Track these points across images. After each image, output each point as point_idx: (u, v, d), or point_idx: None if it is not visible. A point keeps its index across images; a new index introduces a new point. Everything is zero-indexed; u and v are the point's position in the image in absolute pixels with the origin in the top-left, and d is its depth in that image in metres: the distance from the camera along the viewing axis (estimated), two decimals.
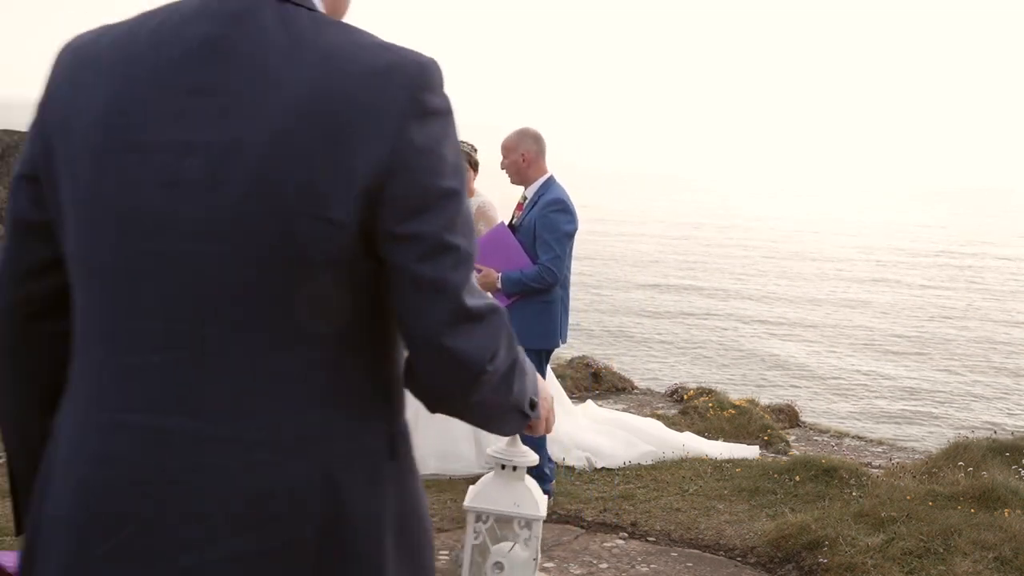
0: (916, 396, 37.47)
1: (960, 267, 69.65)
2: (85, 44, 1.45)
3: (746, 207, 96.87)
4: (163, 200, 1.35)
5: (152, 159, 1.36)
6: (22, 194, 1.48)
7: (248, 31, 1.37)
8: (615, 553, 5.03)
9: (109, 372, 1.40)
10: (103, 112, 1.38)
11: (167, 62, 1.37)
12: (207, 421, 1.36)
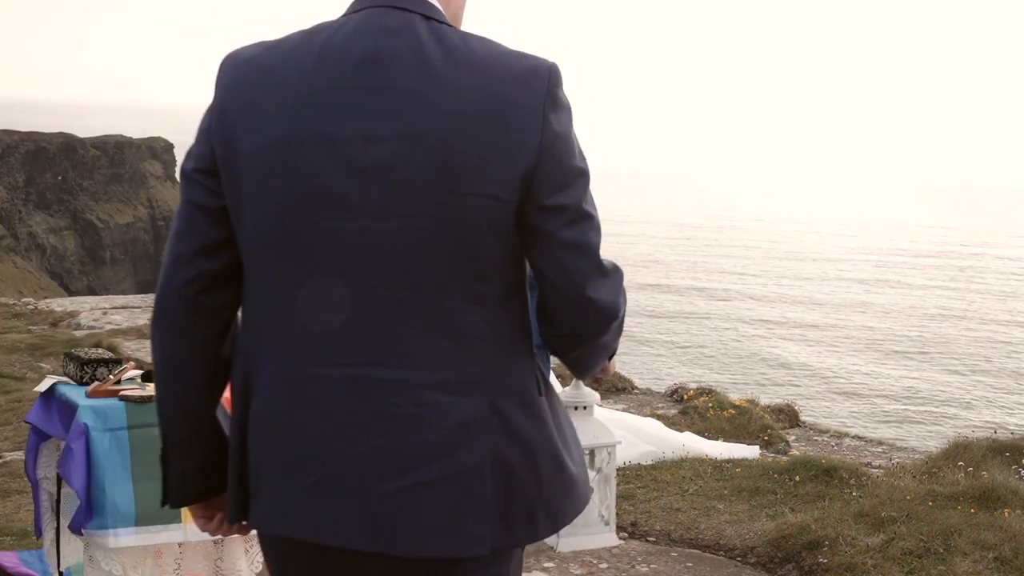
0: (916, 396, 37.47)
1: (960, 267, 69.75)
2: (254, 57, 1.72)
3: (746, 207, 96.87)
4: (350, 184, 1.62)
5: (338, 149, 1.62)
6: (197, 185, 1.72)
7: (409, 42, 1.65)
8: (615, 553, 5.03)
9: (306, 334, 1.66)
10: (289, 111, 1.64)
11: (343, 69, 1.65)
12: (395, 370, 1.63)
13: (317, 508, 1.66)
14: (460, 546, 1.65)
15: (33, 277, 51.71)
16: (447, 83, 1.62)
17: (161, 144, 67.02)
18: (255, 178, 1.66)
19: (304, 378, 1.67)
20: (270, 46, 1.72)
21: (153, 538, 4.00)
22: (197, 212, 1.72)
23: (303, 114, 1.64)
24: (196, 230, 1.73)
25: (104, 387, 4.12)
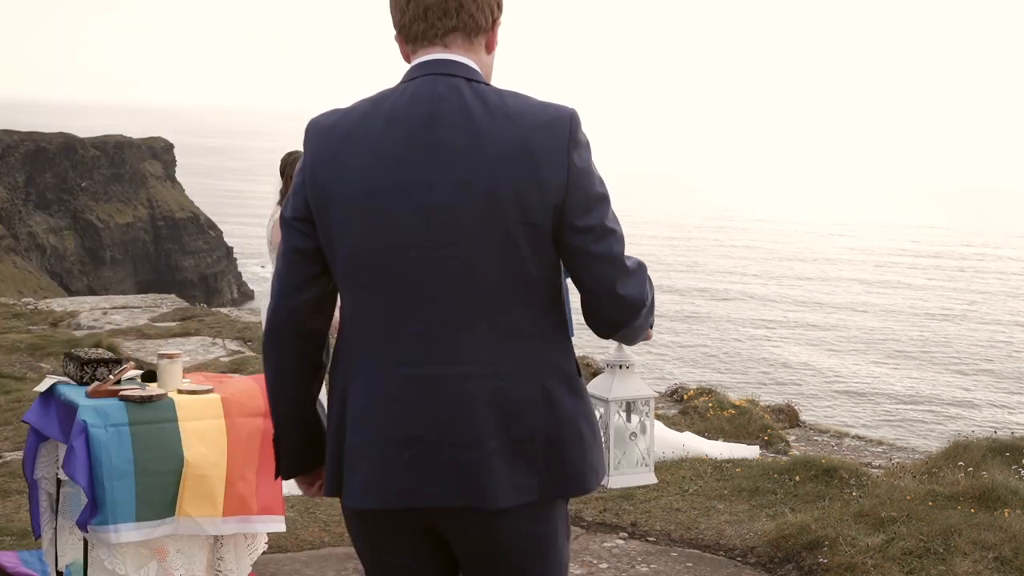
0: (917, 396, 37.44)
1: (961, 268, 69.70)
2: (333, 124, 2.15)
3: (747, 207, 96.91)
4: (419, 222, 2.06)
5: (408, 195, 2.07)
6: (295, 231, 2.17)
7: (457, 104, 2.08)
8: (615, 553, 5.03)
9: (391, 342, 2.11)
10: (367, 168, 2.09)
11: (407, 130, 2.08)
12: (464, 366, 2.08)
13: (409, 480, 2.10)
14: (522, 497, 2.11)
15: (33, 277, 51.69)
16: (489, 135, 2.06)
17: (161, 144, 66.98)
18: (344, 222, 2.10)
19: (393, 377, 2.11)
20: (344, 114, 2.17)
21: (152, 532, 4.02)
22: (296, 253, 2.18)
23: (378, 169, 2.09)
24: (296, 268, 2.19)
25: (104, 387, 4.12)
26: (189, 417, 4.12)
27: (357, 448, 2.14)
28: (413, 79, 2.14)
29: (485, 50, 2.22)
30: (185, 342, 11.27)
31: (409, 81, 2.15)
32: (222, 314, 13.54)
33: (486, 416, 2.09)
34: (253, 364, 9.85)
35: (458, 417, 2.09)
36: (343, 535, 5.13)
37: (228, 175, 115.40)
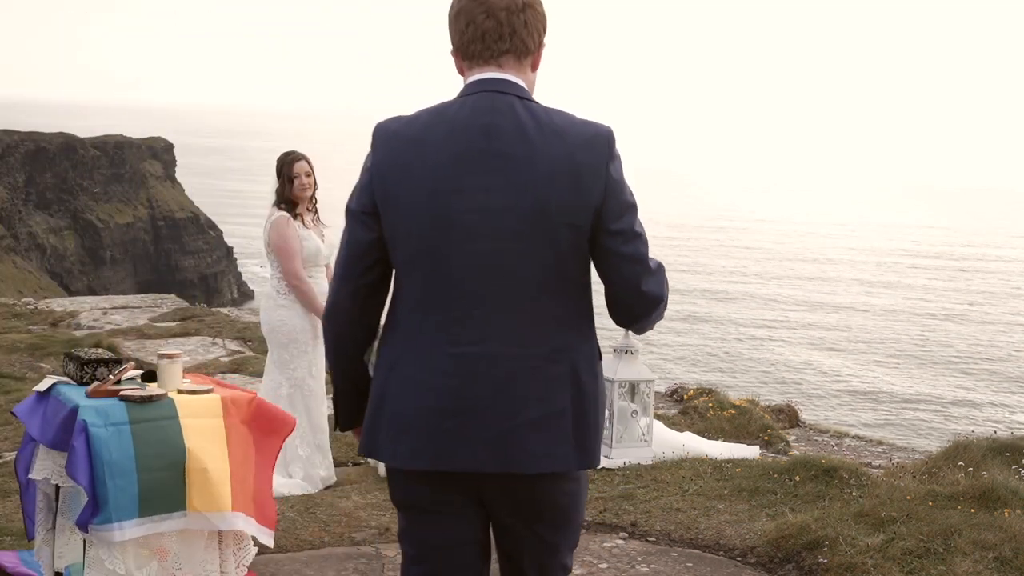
0: (917, 396, 37.40)
1: (961, 268, 69.62)
2: (399, 130, 2.47)
3: (747, 207, 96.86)
4: (476, 220, 2.39)
5: (468, 197, 2.39)
6: (360, 223, 2.49)
7: (511, 119, 2.41)
8: (615, 553, 5.02)
9: (442, 323, 2.42)
10: (430, 170, 2.40)
11: (467, 139, 2.40)
12: (504, 346, 2.40)
13: (454, 446, 2.40)
14: (554, 464, 2.42)
15: (33, 277, 51.67)
16: (538, 148, 2.39)
17: (161, 144, 66.94)
18: (408, 217, 2.42)
19: (442, 354, 2.42)
20: (408, 121, 2.48)
21: (156, 527, 4.01)
22: (360, 242, 2.50)
23: (441, 172, 2.40)
24: (359, 255, 2.50)
25: (104, 387, 4.12)
26: (189, 415, 4.12)
27: (403, 415, 2.45)
28: (471, 94, 2.48)
29: (531, 68, 2.56)
30: (185, 342, 11.27)
31: (468, 96, 2.48)
32: (222, 314, 13.53)
33: (523, 391, 2.41)
34: (253, 364, 9.84)
35: (498, 392, 2.41)
36: (343, 535, 5.13)
37: (228, 175, 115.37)
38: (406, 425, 2.44)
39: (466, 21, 2.49)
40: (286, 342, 6.12)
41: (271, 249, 6.12)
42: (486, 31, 2.47)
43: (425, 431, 2.42)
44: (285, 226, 6.05)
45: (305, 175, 6.11)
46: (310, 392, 6.20)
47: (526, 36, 2.50)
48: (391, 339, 2.51)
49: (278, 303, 6.12)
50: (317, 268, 6.24)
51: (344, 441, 7.09)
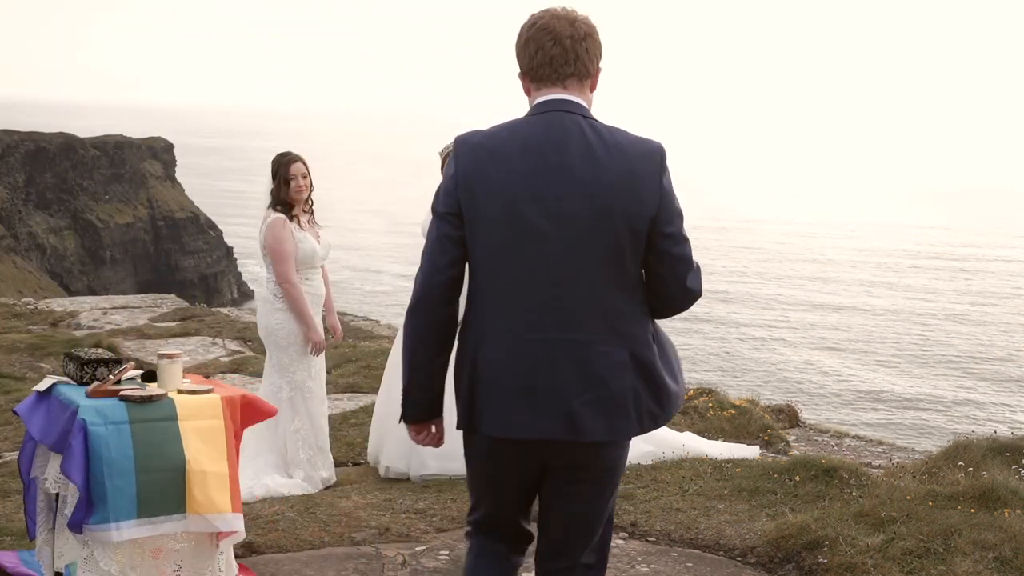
0: (917, 396, 37.36)
1: (962, 269, 69.50)
2: (479, 144, 2.85)
3: (747, 208, 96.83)
4: (550, 225, 2.78)
5: (542, 204, 2.78)
6: (447, 223, 2.84)
7: (578, 136, 2.81)
8: (615, 553, 5.02)
9: (519, 314, 2.82)
10: (508, 181, 2.78)
11: (540, 153, 2.79)
12: (576, 333, 2.80)
13: (532, 418, 2.82)
14: (614, 434, 2.87)
15: (33, 277, 51.66)
16: (603, 162, 2.79)
17: (161, 144, 66.92)
18: (489, 220, 2.80)
19: (521, 341, 2.82)
20: (487, 135, 2.86)
21: (156, 529, 4.01)
22: (447, 240, 2.84)
23: (518, 182, 2.78)
24: (446, 251, 2.85)
25: (104, 387, 4.12)
26: (189, 416, 4.12)
27: (491, 393, 2.86)
28: (542, 113, 2.87)
29: (590, 89, 2.96)
30: (185, 342, 11.27)
31: (539, 114, 2.87)
32: (222, 314, 13.53)
33: (592, 371, 2.82)
34: (253, 364, 9.84)
35: (570, 372, 2.81)
36: (343, 535, 5.13)
37: (228, 175, 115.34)
38: (494, 401, 2.86)
39: (535, 48, 2.88)
40: (285, 345, 6.10)
41: (266, 251, 6.10)
42: (553, 57, 2.87)
43: (511, 406, 2.84)
44: (280, 228, 6.02)
45: (301, 176, 6.07)
46: (310, 394, 6.19)
47: (587, 61, 2.91)
48: (470, 331, 2.91)
49: (276, 306, 6.09)
50: (313, 270, 6.22)
51: (344, 441, 7.09)
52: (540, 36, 2.87)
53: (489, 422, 2.88)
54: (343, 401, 8.41)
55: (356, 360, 9.71)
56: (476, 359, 2.87)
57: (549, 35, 2.87)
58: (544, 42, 2.87)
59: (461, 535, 5.20)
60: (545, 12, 2.91)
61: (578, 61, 2.88)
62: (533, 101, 2.92)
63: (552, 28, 2.87)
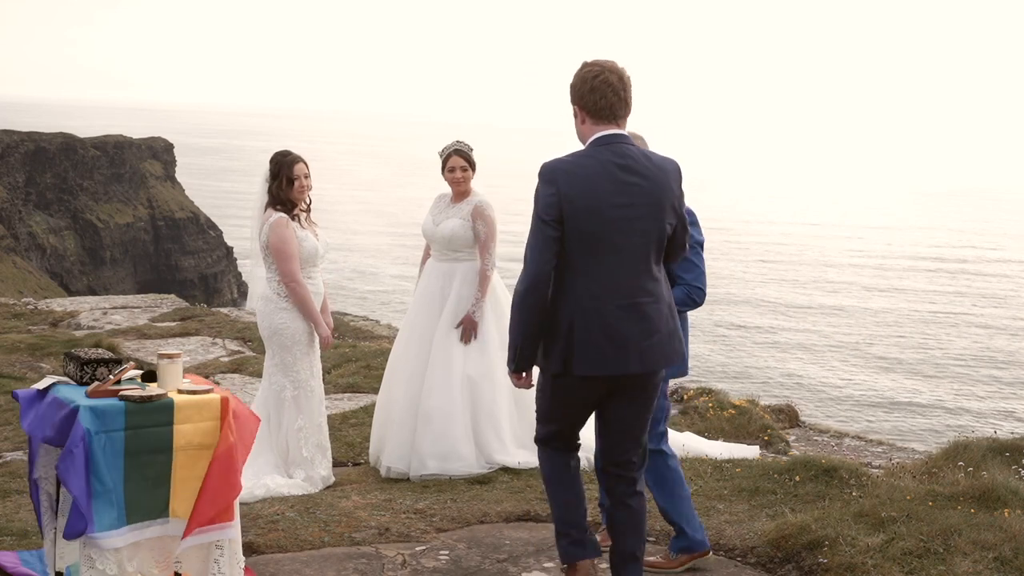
0: (917, 396, 37.32)
1: (961, 270, 69.45)
2: (570, 167, 3.88)
3: (746, 209, 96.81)
4: (623, 224, 3.88)
5: (617, 208, 3.87)
6: (550, 227, 3.84)
7: (635, 160, 3.93)
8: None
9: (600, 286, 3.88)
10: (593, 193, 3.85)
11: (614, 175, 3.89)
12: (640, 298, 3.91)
13: (618, 358, 3.90)
14: (663, 365, 4.01)
15: (33, 277, 51.64)
16: (652, 178, 3.93)
17: (161, 144, 66.89)
18: (583, 223, 3.85)
19: (603, 308, 3.89)
20: (572, 163, 3.91)
21: (142, 534, 4.04)
22: (551, 240, 3.86)
23: (599, 194, 3.86)
24: (550, 247, 3.86)
25: (104, 387, 4.12)
26: (185, 420, 4.13)
27: (585, 345, 3.89)
28: (607, 144, 3.95)
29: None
30: (185, 342, 11.27)
31: (605, 145, 3.95)
32: (222, 314, 13.52)
33: (654, 323, 3.95)
34: (253, 364, 9.84)
35: (640, 324, 3.92)
36: (343, 535, 5.13)
37: (228, 175, 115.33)
38: (588, 351, 3.90)
39: (599, 96, 3.94)
40: (289, 344, 6.10)
41: (268, 251, 6.09)
42: (612, 104, 3.96)
43: (600, 353, 3.90)
44: (283, 227, 6.02)
45: (304, 176, 6.09)
46: (312, 393, 6.20)
47: (630, 104, 4.02)
48: (570, 303, 3.91)
49: (279, 306, 6.09)
50: (314, 268, 6.22)
51: (344, 441, 7.10)
52: (603, 88, 3.93)
53: (583, 366, 3.90)
54: (343, 401, 8.41)
55: (356, 360, 9.71)
56: (573, 323, 3.89)
57: (610, 88, 3.94)
58: (606, 93, 3.94)
59: (461, 535, 5.21)
60: (602, 67, 3.96)
61: (626, 106, 4.00)
62: (593, 133, 3.97)
63: (611, 83, 3.94)
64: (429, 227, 6.49)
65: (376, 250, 70.39)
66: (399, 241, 71.20)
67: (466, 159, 6.41)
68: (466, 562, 4.86)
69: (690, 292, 4.72)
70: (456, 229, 6.36)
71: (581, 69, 3.99)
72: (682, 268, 4.69)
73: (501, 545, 5.09)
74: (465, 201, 6.44)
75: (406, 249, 65.66)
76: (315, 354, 6.25)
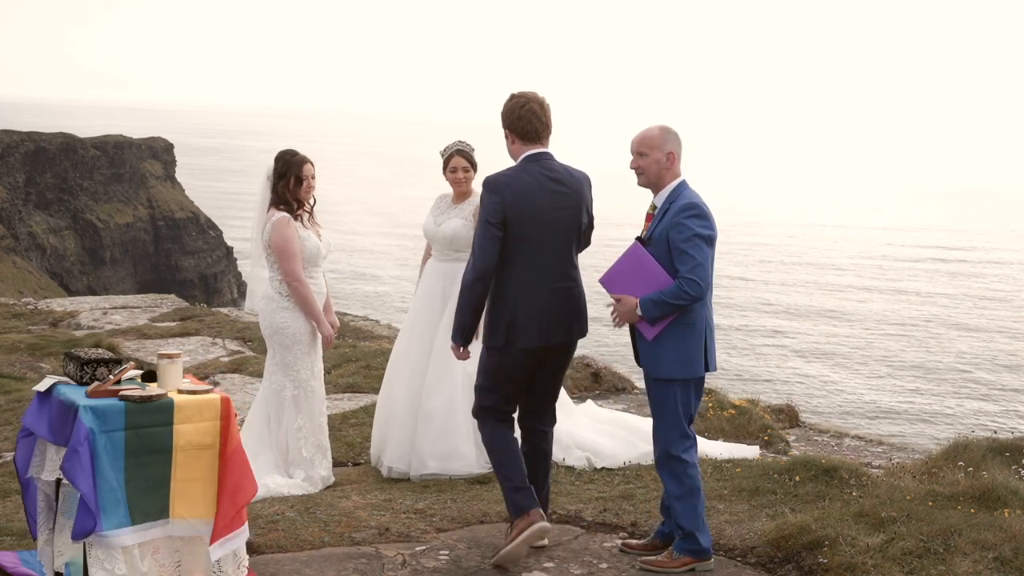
0: (917, 396, 37.31)
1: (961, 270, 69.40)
2: (510, 179, 4.81)
3: (746, 210, 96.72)
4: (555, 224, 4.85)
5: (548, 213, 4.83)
6: (495, 228, 4.73)
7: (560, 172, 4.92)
8: (615, 553, 5.02)
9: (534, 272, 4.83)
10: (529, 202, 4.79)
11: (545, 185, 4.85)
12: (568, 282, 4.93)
13: (550, 333, 4.84)
14: (581, 335, 5.01)
15: (33, 277, 51.63)
16: (572, 186, 4.89)
17: (161, 144, 66.86)
18: (523, 225, 4.75)
19: (539, 290, 4.80)
20: (510, 176, 4.80)
21: (145, 535, 4.04)
22: (496, 239, 4.71)
23: (535, 202, 4.78)
24: (495, 244, 4.72)
25: (104, 387, 4.12)
26: (185, 420, 4.13)
27: (527, 321, 4.79)
28: (536, 161, 4.87)
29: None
30: (185, 342, 11.27)
31: (535, 161, 4.86)
32: (222, 314, 13.52)
33: (574, 303, 4.91)
34: (253, 364, 9.84)
35: (568, 304, 4.89)
36: (343, 535, 5.13)
37: (227, 175, 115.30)
38: (528, 326, 4.80)
39: (526, 122, 4.86)
40: (291, 344, 6.10)
41: (271, 250, 6.08)
42: (537, 128, 4.88)
43: (537, 328, 4.81)
44: (286, 226, 6.02)
45: (311, 177, 6.12)
46: (312, 393, 6.20)
47: (550, 125, 4.95)
48: (512, 288, 4.79)
49: (281, 305, 6.09)
50: (316, 268, 6.22)
51: (344, 441, 7.09)
52: (528, 115, 4.86)
53: (524, 339, 4.80)
54: (343, 401, 8.41)
55: (356, 360, 9.71)
56: (516, 304, 4.78)
57: (534, 115, 4.87)
58: (531, 119, 4.87)
59: (461, 535, 5.21)
60: (527, 98, 4.88)
61: (547, 129, 4.92)
62: (523, 151, 4.88)
63: (535, 111, 4.87)
64: (431, 227, 6.49)
65: (376, 250, 70.38)
66: (399, 241, 71.20)
67: (468, 159, 6.41)
68: (466, 562, 4.86)
69: (682, 284, 4.59)
70: (458, 229, 6.36)
71: (509, 100, 4.89)
72: (679, 260, 4.64)
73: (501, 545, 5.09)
74: (467, 201, 6.44)
75: (406, 249, 65.65)
76: (316, 354, 6.25)
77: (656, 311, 4.65)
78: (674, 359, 4.74)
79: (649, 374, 4.82)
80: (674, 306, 4.62)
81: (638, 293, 4.69)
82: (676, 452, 4.78)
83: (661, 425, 4.80)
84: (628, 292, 4.72)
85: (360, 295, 54.41)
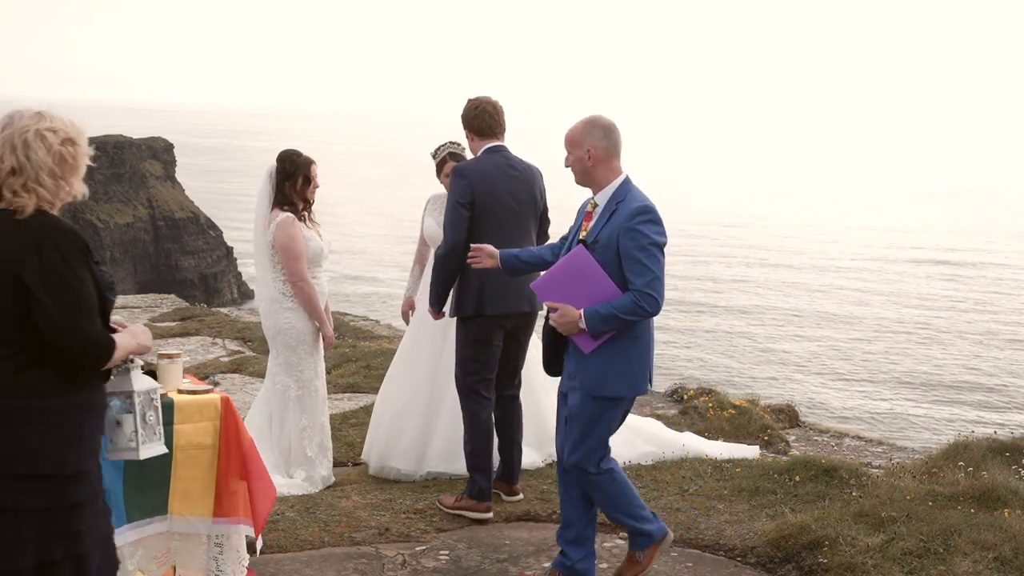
0: (917, 396, 37.29)
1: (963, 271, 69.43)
2: (476, 165, 5.56)
3: (745, 210, 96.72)
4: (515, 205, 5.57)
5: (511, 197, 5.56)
6: (465, 208, 5.41)
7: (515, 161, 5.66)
8: (615, 553, 5.02)
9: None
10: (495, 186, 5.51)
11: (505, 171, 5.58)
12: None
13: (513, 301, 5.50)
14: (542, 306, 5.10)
15: None
16: (526, 173, 5.66)
17: (161, 144, 66.85)
18: (488, 205, 5.46)
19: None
20: (474, 163, 5.57)
21: (143, 531, 4.06)
22: (464, 219, 5.40)
23: (497, 185, 5.51)
24: (463, 223, 5.40)
25: None
26: (184, 420, 4.13)
27: (494, 290, 5.41)
28: (495, 152, 5.58)
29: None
30: (185, 342, 11.27)
31: (493, 153, 5.58)
32: (222, 314, 13.53)
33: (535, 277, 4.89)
34: (253, 364, 9.84)
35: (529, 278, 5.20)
36: (343, 535, 5.13)
37: (227, 175, 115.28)
38: (495, 296, 5.43)
39: (482, 120, 5.58)
40: (294, 344, 6.10)
41: (275, 250, 6.06)
42: (492, 125, 5.61)
43: (503, 297, 5.45)
44: (291, 226, 6.00)
45: (316, 177, 6.13)
46: (316, 393, 6.19)
47: (504, 125, 5.66)
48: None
49: (284, 306, 6.08)
50: (318, 268, 6.21)
51: (344, 441, 7.09)
52: (483, 115, 5.58)
53: (492, 307, 5.44)
54: (343, 401, 8.41)
55: (356, 360, 9.71)
56: (482, 278, 5.35)
57: (488, 114, 5.60)
58: (486, 118, 5.59)
59: (461, 535, 5.21)
60: (482, 101, 5.60)
61: (501, 127, 5.64)
62: (482, 146, 5.58)
63: (489, 111, 5.59)
64: (433, 229, 6.46)
65: (376, 250, 70.39)
66: (399, 241, 71.20)
67: (460, 161, 6.41)
68: (466, 562, 4.87)
69: (637, 299, 4.19)
70: None
71: (468, 103, 5.62)
72: (633, 271, 4.23)
73: (501, 545, 5.09)
74: None
75: (406, 250, 65.68)
76: (319, 354, 6.25)
77: (603, 326, 4.23)
78: (617, 376, 4.33)
79: (588, 392, 4.31)
80: (625, 322, 4.21)
81: (577, 302, 4.26)
82: (593, 470, 4.39)
83: (585, 442, 4.34)
84: (566, 300, 4.29)
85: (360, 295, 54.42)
